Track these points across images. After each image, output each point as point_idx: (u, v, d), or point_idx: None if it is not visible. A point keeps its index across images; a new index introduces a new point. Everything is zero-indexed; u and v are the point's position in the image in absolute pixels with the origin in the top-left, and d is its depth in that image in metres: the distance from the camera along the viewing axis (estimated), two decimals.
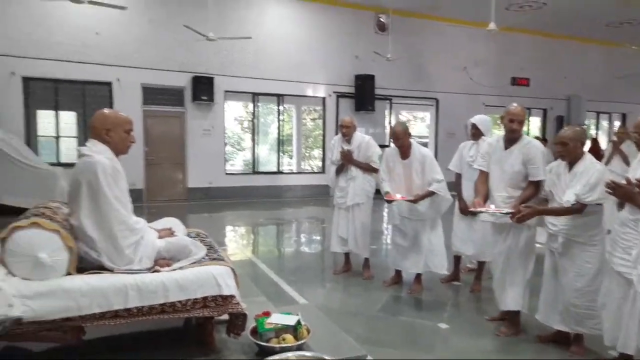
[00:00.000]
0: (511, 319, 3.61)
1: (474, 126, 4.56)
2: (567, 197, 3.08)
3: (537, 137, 13.67)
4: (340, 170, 4.95)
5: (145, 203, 9.74)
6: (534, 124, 15.31)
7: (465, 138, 5.25)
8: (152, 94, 10.28)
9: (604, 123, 16.95)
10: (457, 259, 4.88)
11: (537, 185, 3.42)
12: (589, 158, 3.15)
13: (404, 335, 3.63)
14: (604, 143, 13.48)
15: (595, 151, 12.50)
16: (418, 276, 4.55)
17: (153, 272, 2.53)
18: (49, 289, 2.27)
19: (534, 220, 3.43)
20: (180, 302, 2.47)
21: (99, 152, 2.52)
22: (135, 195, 2.57)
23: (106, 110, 2.68)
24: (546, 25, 13.14)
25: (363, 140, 4.90)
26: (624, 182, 2.65)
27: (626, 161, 6.05)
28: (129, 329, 2.70)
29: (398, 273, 4.75)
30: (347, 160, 4.85)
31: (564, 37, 14.46)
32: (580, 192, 3.01)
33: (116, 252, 2.47)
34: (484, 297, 4.41)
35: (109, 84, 9.82)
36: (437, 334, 3.66)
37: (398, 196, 4.29)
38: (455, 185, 4.73)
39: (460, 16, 12.29)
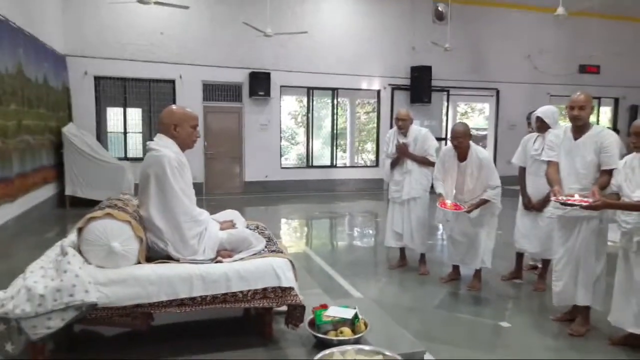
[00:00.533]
0: (582, 315, 3.46)
1: (539, 119, 4.33)
2: (636, 194, 2.87)
3: (608, 128, 12.82)
4: (396, 163, 4.88)
5: (205, 196, 10.10)
6: (604, 114, 14.35)
7: (525, 130, 5.02)
8: (212, 90, 10.62)
9: None
10: (519, 256, 4.69)
11: (610, 174, 3.22)
12: None
13: (463, 333, 3.54)
14: None
15: None
16: (477, 273, 4.42)
17: (216, 262, 2.63)
18: (121, 277, 2.41)
19: (607, 214, 3.23)
20: (241, 292, 2.54)
21: (165, 146, 2.63)
22: (196, 188, 2.67)
23: (174, 107, 2.79)
24: (619, 8, 12.23)
25: (420, 133, 4.81)
26: None
27: None
28: (191, 317, 2.83)
29: (456, 269, 4.64)
30: (403, 154, 4.77)
31: (639, 19, 13.41)
32: None
33: (182, 243, 2.58)
34: (548, 296, 4.19)
35: (172, 82, 10.25)
36: (498, 333, 3.54)
37: (449, 203, 4.22)
38: (518, 180, 4.54)
39: (524, 1, 11.72)
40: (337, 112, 12.00)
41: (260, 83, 10.54)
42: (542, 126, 4.31)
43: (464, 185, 4.23)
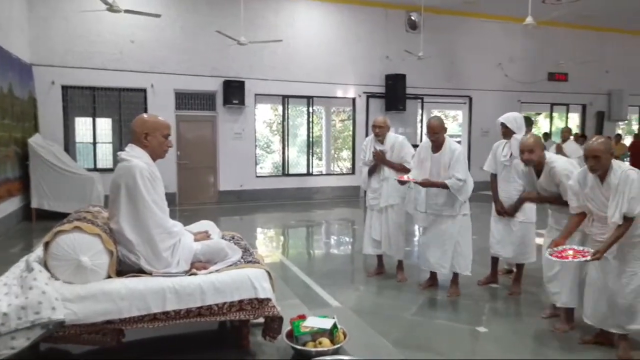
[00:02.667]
0: (564, 313, 3.57)
1: (503, 125, 4.46)
2: (614, 219, 2.94)
3: (576, 134, 13.25)
4: (373, 171, 4.89)
5: (178, 206, 9.91)
6: (572, 121, 14.82)
7: (500, 137, 5.12)
8: (185, 99, 10.46)
9: None
10: (494, 261, 4.74)
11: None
12: (616, 166, 3.03)
13: (442, 339, 3.53)
14: None
15: (638, 149, 12.00)
16: (454, 278, 4.45)
17: (190, 275, 2.55)
18: (90, 292, 2.31)
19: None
20: (217, 305, 2.48)
21: (136, 156, 2.56)
22: (168, 198, 2.59)
23: (146, 115, 2.72)
24: (586, 17, 12.65)
25: (397, 140, 4.82)
26: None
27: None
28: (165, 332, 2.73)
29: (433, 275, 4.66)
30: (380, 161, 4.78)
31: (606, 29, 13.91)
32: (628, 210, 2.90)
33: (154, 255, 2.50)
34: (524, 300, 4.28)
35: (143, 90, 10.05)
36: (476, 338, 3.56)
37: (405, 177, 4.36)
38: (490, 186, 4.61)
39: (495, 11, 12.00)
40: (312, 120, 11.99)
41: (234, 91, 10.44)
42: (507, 132, 4.45)
43: (439, 176, 4.25)
